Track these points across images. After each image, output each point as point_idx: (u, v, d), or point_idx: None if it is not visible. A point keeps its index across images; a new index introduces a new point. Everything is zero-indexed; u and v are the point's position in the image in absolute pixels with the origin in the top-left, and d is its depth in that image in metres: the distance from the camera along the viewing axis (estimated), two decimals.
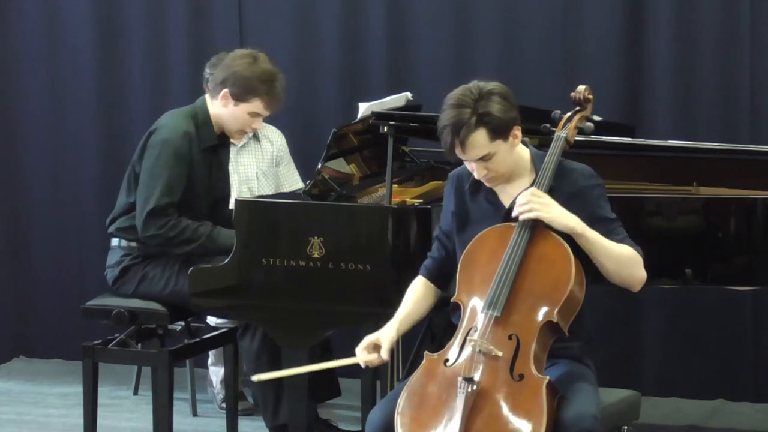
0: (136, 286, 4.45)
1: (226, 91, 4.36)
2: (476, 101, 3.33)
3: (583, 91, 3.61)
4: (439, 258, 3.58)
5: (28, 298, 6.36)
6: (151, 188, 4.33)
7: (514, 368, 3.19)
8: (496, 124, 3.33)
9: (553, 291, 3.26)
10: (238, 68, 4.35)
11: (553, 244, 3.31)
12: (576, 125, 3.55)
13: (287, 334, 4.15)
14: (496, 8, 5.59)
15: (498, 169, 3.40)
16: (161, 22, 6.03)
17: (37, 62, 6.22)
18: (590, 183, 3.44)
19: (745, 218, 4.12)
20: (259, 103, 4.37)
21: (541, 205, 3.30)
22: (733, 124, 5.32)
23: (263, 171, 5.38)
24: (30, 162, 6.29)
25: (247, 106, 4.37)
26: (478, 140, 3.33)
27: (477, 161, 3.38)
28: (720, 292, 5.17)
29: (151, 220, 4.32)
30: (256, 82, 4.34)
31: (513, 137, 3.40)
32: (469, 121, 3.31)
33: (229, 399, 4.79)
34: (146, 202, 4.33)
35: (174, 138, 4.35)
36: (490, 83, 3.39)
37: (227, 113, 4.40)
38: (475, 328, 3.27)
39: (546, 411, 3.10)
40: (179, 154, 4.34)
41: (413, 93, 4.95)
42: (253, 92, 4.34)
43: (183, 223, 4.35)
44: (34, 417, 5.39)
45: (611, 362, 5.25)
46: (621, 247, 3.37)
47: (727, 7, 5.31)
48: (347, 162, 4.83)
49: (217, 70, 4.48)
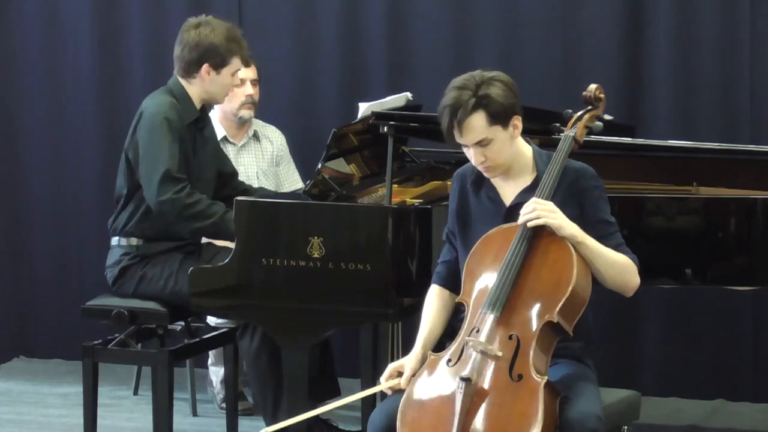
0: (136, 286, 4.46)
1: (206, 66, 4.46)
2: (478, 85, 3.34)
3: (594, 90, 3.57)
4: (452, 259, 3.56)
5: (28, 298, 6.36)
6: (155, 156, 4.33)
7: (513, 368, 3.19)
8: (495, 108, 3.33)
9: (554, 291, 3.25)
10: (206, 41, 4.46)
11: (556, 244, 3.30)
12: (586, 124, 3.53)
13: (287, 334, 4.14)
14: (496, 8, 5.59)
15: (496, 158, 3.40)
16: (161, 21, 6.03)
17: (37, 62, 6.22)
18: (591, 184, 3.44)
19: (745, 218, 4.12)
20: (236, 59, 4.52)
21: (548, 212, 3.30)
22: (733, 124, 5.32)
23: (263, 171, 5.38)
24: (30, 162, 6.29)
25: (228, 69, 4.50)
26: (476, 123, 3.33)
27: (474, 146, 3.37)
28: (720, 292, 5.17)
29: (165, 184, 4.30)
30: (227, 44, 4.48)
31: (513, 127, 3.39)
32: (468, 102, 3.32)
33: (229, 399, 4.79)
34: (155, 169, 4.32)
35: (162, 110, 4.39)
36: (494, 72, 3.40)
37: (211, 85, 4.49)
38: (476, 329, 3.27)
39: (543, 411, 3.10)
40: (171, 121, 4.37)
41: (413, 93, 4.95)
42: (229, 54, 4.48)
43: (198, 194, 4.35)
44: (34, 417, 5.39)
45: (611, 362, 5.26)
46: (617, 255, 3.37)
47: (727, 7, 5.31)
48: (347, 162, 4.83)
49: (180, 51, 4.52)
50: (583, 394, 3.25)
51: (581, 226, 3.35)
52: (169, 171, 4.30)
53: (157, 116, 4.37)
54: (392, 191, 4.25)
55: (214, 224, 4.33)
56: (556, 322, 3.24)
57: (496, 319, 3.25)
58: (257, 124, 5.45)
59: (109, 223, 4.55)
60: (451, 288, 3.53)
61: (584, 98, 3.58)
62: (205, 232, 4.43)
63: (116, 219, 4.52)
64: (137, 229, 4.46)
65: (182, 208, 4.32)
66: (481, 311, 3.29)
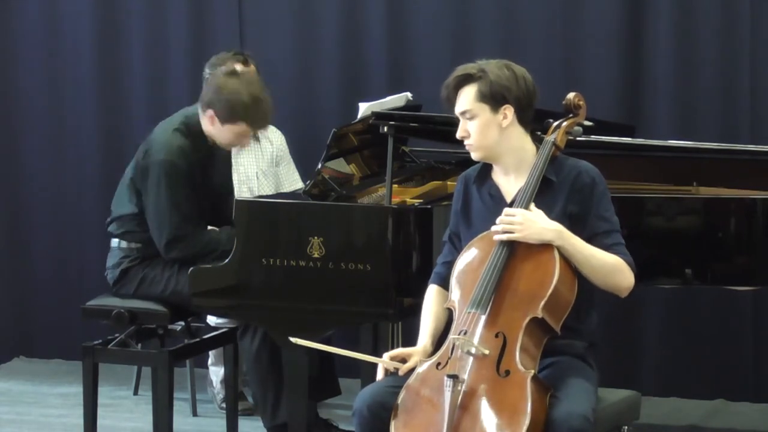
0: (136, 288, 4.46)
1: (211, 113, 4.38)
2: (488, 64, 3.46)
3: (573, 98, 3.62)
4: (453, 259, 3.54)
5: (28, 298, 6.36)
6: (162, 216, 4.36)
7: (500, 365, 3.20)
8: (485, 86, 3.41)
9: (537, 288, 3.27)
10: (223, 91, 4.36)
11: (538, 244, 3.33)
12: (566, 130, 3.56)
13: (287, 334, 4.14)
14: (496, 8, 5.59)
15: (478, 137, 3.43)
16: (161, 21, 6.03)
17: (37, 62, 6.22)
18: (595, 182, 3.45)
19: (745, 218, 4.12)
20: (245, 125, 4.39)
21: (514, 225, 3.32)
22: (733, 124, 5.32)
23: (263, 171, 5.38)
24: (30, 162, 6.29)
25: (233, 128, 4.39)
26: (466, 93, 3.43)
27: (461, 115, 3.45)
28: (720, 292, 5.18)
29: (171, 247, 4.38)
30: (241, 107, 4.34)
31: (502, 115, 3.42)
32: (467, 72, 3.44)
33: (229, 399, 4.79)
34: (161, 232, 4.37)
35: (170, 158, 4.36)
36: (521, 67, 3.50)
37: (215, 132, 4.43)
38: (463, 330, 3.28)
39: (531, 403, 3.10)
40: (179, 172, 4.36)
41: (413, 93, 4.95)
42: (238, 117, 4.36)
43: (204, 237, 4.41)
44: (34, 417, 5.39)
45: (611, 362, 5.25)
46: (604, 254, 3.37)
47: (727, 7, 5.31)
48: (347, 162, 4.83)
49: (205, 88, 4.50)
50: (575, 394, 3.24)
51: (582, 223, 3.37)
52: (173, 238, 4.36)
53: (165, 166, 4.34)
54: (392, 191, 4.25)
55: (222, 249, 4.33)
56: (540, 318, 3.25)
57: (482, 318, 3.27)
58: None
59: (107, 223, 4.55)
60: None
61: (564, 106, 3.62)
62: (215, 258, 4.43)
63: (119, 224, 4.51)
64: (136, 234, 4.47)
65: (191, 257, 4.37)
66: (466, 311, 3.30)
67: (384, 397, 3.29)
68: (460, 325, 3.31)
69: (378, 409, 3.27)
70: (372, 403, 3.29)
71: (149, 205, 4.40)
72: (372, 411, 3.28)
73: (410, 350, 3.40)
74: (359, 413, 3.30)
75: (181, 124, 4.46)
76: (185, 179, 4.37)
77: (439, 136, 4.80)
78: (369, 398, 3.31)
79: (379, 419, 3.26)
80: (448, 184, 4.73)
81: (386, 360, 3.39)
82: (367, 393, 3.34)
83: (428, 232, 4.06)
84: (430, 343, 3.43)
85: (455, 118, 3.50)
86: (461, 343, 3.25)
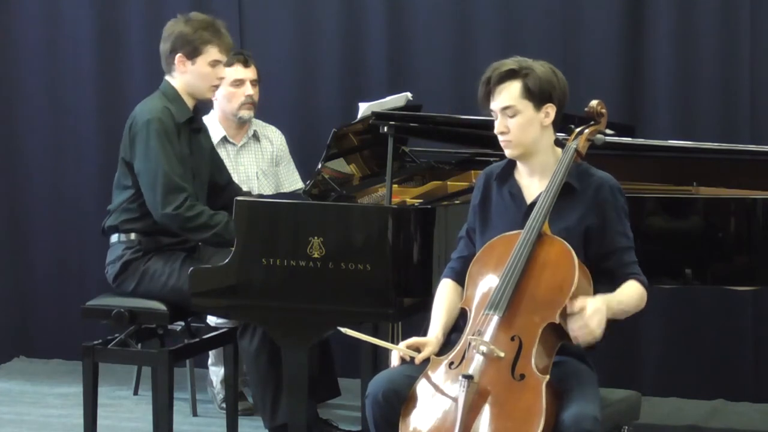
0: (138, 282, 4.45)
1: (179, 56, 4.42)
2: (526, 61, 3.47)
3: (596, 105, 3.60)
4: (469, 255, 3.55)
5: (28, 298, 6.36)
6: (154, 167, 4.34)
7: (515, 368, 3.20)
8: (533, 83, 3.41)
9: (556, 293, 3.27)
10: (176, 31, 4.43)
11: (558, 248, 3.33)
12: (588, 138, 3.55)
13: (287, 334, 4.14)
14: (496, 8, 5.59)
15: (517, 133, 3.42)
16: (161, 21, 5.97)
17: (37, 62, 6.22)
18: (617, 197, 3.48)
19: (745, 218, 4.12)
20: (212, 48, 4.44)
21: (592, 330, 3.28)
22: (733, 124, 5.32)
23: (263, 171, 5.38)
24: (30, 162, 6.29)
25: (204, 58, 4.44)
26: (510, 89, 3.42)
27: (501, 112, 3.43)
28: (720, 292, 5.18)
29: (167, 196, 4.33)
30: (199, 32, 4.42)
31: (545, 114, 3.42)
32: (510, 67, 3.44)
33: (229, 399, 4.79)
34: (156, 181, 4.34)
35: (156, 116, 4.38)
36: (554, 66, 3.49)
37: (191, 77, 4.45)
38: (479, 331, 3.28)
39: (546, 410, 3.11)
40: (166, 127, 4.37)
41: (413, 93, 4.95)
42: (202, 42, 4.42)
43: (199, 206, 4.37)
44: (34, 417, 5.38)
45: (611, 362, 5.25)
46: (630, 294, 3.39)
47: (727, 7, 5.31)
48: (347, 162, 4.83)
49: (161, 46, 4.52)
50: (582, 395, 3.25)
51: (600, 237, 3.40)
52: (169, 182, 4.32)
53: (150, 123, 4.36)
54: (392, 191, 4.26)
55: (217, 234, 4.34)
56: (557, 324, 3.25)
57: (499, 320, 3.27)
58: (257, 124, 5.45)
59: (105, 222, 4.55)
60: (464, 284, 3.52)
61: (586, 113, 3.60)
62: (206, 242, 4.44)
63: (113, 218, 4.51)
64: (135, 226, 4.47)
65: (184, 221, 4.34)
66: (483, 313, 3.30)
67: (399, 386, 3.30)
68: (476, 326, 3.30)
69: (391, 396, 3.28)
70: (387, 389, 3.29)
71: (141, 166, 4.38)
72: (386, 397, 3.28)
73: (425, 340, 3.41)
74: (373, 398, 3.31)
75: (160, 95, 4.49)
76: (174, 136, 4.38)
77: (439, 136, 4.80)
78: (385, 384, 3.31)
79: (390, 407, 3.27)
80: (449, 184, 4.73)
81: (403, 348, 3.39)
82: (383, 378, 3.34)
83: (428, 232, 4.06)
84: (442, 334, 3.44)
85: (455, 118, 3.50)
86: (477, 343, 3.25)
